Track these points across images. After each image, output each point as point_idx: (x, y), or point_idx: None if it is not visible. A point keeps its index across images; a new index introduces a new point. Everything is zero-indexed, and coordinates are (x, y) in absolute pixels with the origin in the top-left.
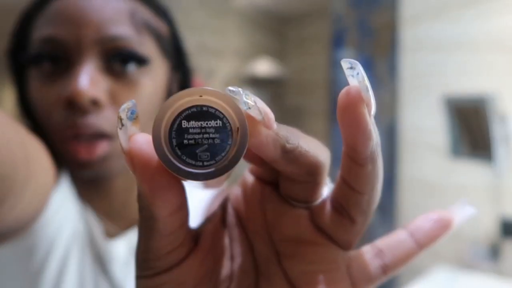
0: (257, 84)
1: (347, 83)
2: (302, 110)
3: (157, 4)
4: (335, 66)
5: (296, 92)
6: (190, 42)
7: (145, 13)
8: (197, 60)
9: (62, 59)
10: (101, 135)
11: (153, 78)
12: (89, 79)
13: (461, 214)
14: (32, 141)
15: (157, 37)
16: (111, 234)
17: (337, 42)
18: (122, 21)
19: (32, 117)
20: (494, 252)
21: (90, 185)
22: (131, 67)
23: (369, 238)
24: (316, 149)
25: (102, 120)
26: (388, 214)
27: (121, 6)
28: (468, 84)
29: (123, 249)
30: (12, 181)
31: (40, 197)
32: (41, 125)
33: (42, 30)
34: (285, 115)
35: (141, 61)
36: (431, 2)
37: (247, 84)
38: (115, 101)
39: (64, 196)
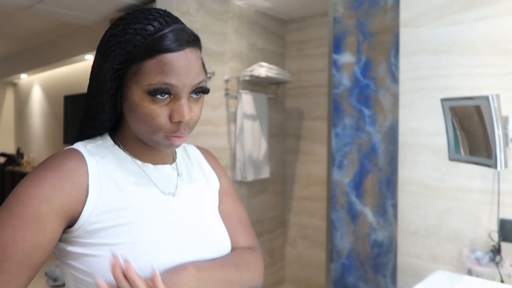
0: (258, 86)
1: (346, 85)
2: (302, 113)
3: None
4: (335, 69)
5: (296, 94)
6: None
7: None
8: None
9: (170, 94)
10: (183, 137)
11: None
12: (188, 110)
13: None
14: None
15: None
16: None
17: (337, 45)
18: (201, 71)
19: (119, 113)
20: (494, 256)
21: (150, 148)
22: (201, 95)
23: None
24: None
25: (186, 128)
26: (387, 216)
27: (200, 60)
28: (467, 86)
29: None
30: None
31: None
32: (138, 122)
33: (160, 77)
34: (285, 118)
35: (206, 91)
36: (430, 5)
37: (247, 86)
38: (192, 113)
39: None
